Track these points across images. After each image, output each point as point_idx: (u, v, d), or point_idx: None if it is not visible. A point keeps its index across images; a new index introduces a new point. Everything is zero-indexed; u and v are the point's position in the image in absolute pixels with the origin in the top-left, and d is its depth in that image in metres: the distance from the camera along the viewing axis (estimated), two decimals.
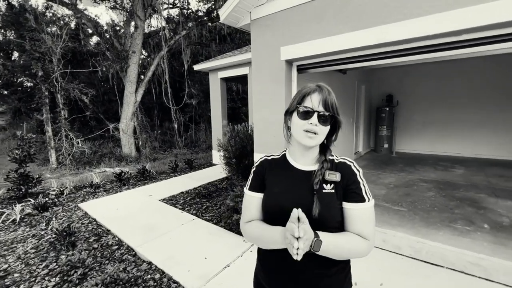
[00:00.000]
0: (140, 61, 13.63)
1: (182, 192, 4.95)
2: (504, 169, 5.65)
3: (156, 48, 13.43)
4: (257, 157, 3.75)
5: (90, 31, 13.29)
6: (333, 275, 0.95)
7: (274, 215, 0.95)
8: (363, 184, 0.93)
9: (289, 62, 3.40)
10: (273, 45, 3.36)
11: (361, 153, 7.80)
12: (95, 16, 18.14)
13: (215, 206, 4.18)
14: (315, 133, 0.90)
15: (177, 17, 12.76)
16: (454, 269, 2.44)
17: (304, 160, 0.98)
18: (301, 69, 3.54)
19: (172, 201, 4.54)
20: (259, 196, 1.02)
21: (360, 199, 0.91)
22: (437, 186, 4.64)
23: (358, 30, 2.67)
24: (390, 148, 7.97)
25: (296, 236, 0.73)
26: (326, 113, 0.90)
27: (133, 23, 10.86)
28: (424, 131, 7.66)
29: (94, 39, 14.33)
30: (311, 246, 0.78)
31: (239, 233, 3.25)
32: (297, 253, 0.74)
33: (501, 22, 2.00)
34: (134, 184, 5.65)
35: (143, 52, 14.38)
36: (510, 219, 3.26)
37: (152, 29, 14.03)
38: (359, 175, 0.95)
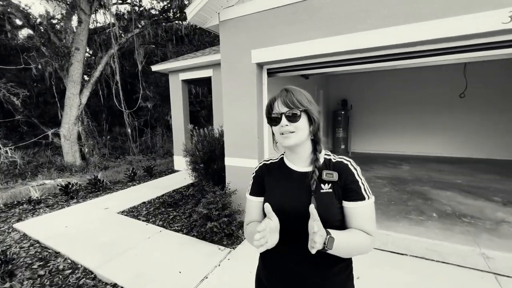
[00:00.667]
0: (86, 60, 12.29)
1: (144, 202, 4.54)
2: (441, 164, 6.56)
3: (104, 46, 12.27)
4: (229, 161, 3.65)
5: (20, 23, 11.49)
6: (336, 274, 0.95)
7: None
8: (361, 182, 0.95)
9: (260, 65, 3.41)
10: (244, 47, 3.33)
11: None
12: (26, 6, 15.77)
13: (184, 215, 3.93)
14: (290, 132, 0.93)
15: (129, 14, 11.86)
16: (416, 256, 2.70)
17: (300, 162, 0.99)
18: (271, 73, 3.58)
19: (133, 213, 4.13)
20: (259, 200, 1.05)
21: (359, 197, 0.92)
22: (390, 182, 5.14)
23: (329, 37, 2.80)
24: (346, 148, 8.60)
25: (316, 230, 0.74)
26: (291, 111, 0.92)
27: (75, 17, 9.73)
28: (374, 132, 8.46)
29: (25, 32, 12.42)
30: (324, 243, 0.77)
31: (213, 241, 3.10)
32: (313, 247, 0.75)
33: (449, 36, 2.31)
34: (84, 196, 4.99)
35: (88, 50, 12.99)
36: (451, 207, 3.77)
37: (99, 25, 12.79)
38: (357, 173, 0.96)
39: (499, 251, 2.64)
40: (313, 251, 0.75)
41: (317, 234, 0.74)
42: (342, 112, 8.41)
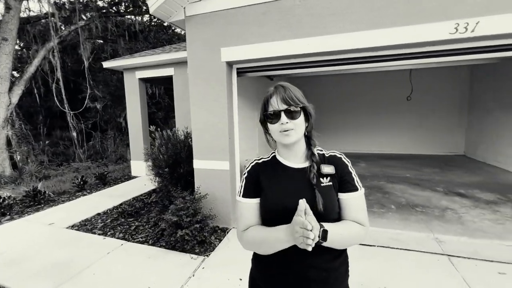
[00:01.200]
0: (16, 53, 10.61)
1: (99, 214, 4.04)
2: (392, 160, 7.27)
3: (40, 39, 10.74)
4: (198, 163, 3.47)
5: None
6: (338, 268, 0.96)
7: (277, 215, 0.91)
8: (354, 174, 0.98)
9: (230, 64, 3.32)
10: (213, 45, 3.20)
11: None
12: None
13: (148, 224, 3.60)
14: (290, 129, 0.91)
15: (71, 4, 10.59)
16: (382, 246, 2.90)
17: (295, 158, 0.98)
18: (240, 72, 3.51)
19: (86, 226, 3.63)
20: (254, 201, 0.99)
21: (353, 188, 0.94)
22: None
23: (300, 38, 2.86)
24: None
25: (309, 228, 0.72)
26: (290, 108, 0.91)
27: (2, 4, 8.32)
28: (332, 133, 9.00)
29: None
30: (318, 236, 0.77)
31: (184, 250, 2.89)
32: (310, 245, 0.74)
33: (407, 43, 2.54)
34: (21, 212, 4.23)
35: (19, 42, 11.22)
36: (405, 199, 4.18)
37: (33, 14, 11.16)
38: (350, 165, 0.99)
39: (448, 235, 2.99)
40: (309, 248, 0.74)
41: (314, 229, 0.74)
42: None
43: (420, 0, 2.45)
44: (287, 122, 0.91)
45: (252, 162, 1.06)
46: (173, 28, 12.50)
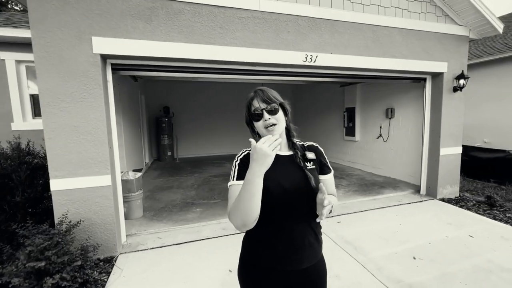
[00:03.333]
0: None
1: None
2: None
3: None
4: (60, 184, 2.58)
5: None
6: (319, 234, 1.17)
7: (278, 196, 1.02)
8: (327, 159, 1.25)
9: (104, 58, 2.76)
10: (81, 31, 2.53)
11: (149, 164, 7.74)
12: None
13: None
14: (273, 124, 1.08)
15: None
16: None
17: (281, 147, 1.14)
18: (115, 69, 2.99)
19: None
20: None
21: (329, 170, 1.19)
22: (224, 178, 6.00)
23: (190, 43, 2.87)
24: (173, 155, 8.70)
25: (327, 203, 0.89)
26: (271, 107, 1.08)
27: None
28: (197, 137, 9.28)
29: None
30: (330, 211, 0.98)
31: None
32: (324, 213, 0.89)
33: (276, 63, 3.26)
34: None
35: None
36: None
37: None
38: (323, 152, 1.25)
39: None
40: (323, 218, 0.91)
41: (329, 206, 0.91)
42: (166, 119, 8.43)
43: (284, 34, 3.24)
44: (269, 118, 1.04)
45: (244, 152, 1.13)
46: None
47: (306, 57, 3.33)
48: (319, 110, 8.54)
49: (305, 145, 1.20)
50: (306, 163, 1.11)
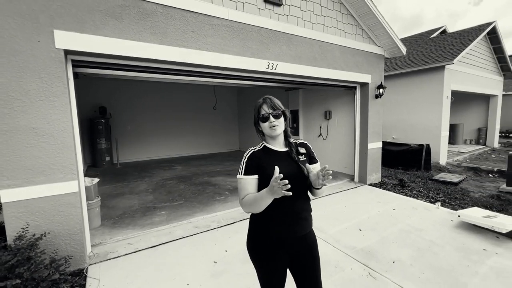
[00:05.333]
0: None
1: None
2: (201, 160, 8.48)
3: None
4: (13, 194, 2.25)
5: None
6: (311, 210, 1.51)
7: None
8: (314, 152, 1.54)
9: (65, 54, 2.52)
10: (39, 22, 2.26)
11: (84, 171, 6.87)
12: None
13: None
14: (276, 126, 1.40)
15: None
16: (242, 220, 3.74)
17: (279, 145, 1.47)
18: (76, 66, 2.74)
19: None
20: (255, 177, 1.33)
21: (316, 161, 1.50)
22: (179, 180, 5.90)
23: (163, 45, 2.88)
24: (112, 160, 7.91)
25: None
26: (276, 112, 1.38)
27: None
28: (140, 140, 8.65)
29: None
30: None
31: None
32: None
33: (243, 68, 3.55)
34: None
35: None
36: (230, 185, 5.40)
37: None
38: (311, 147, 1.55)
39: None
40: (326, 183, 1.23)
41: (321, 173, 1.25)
42: (103, 121, 7.63)
43: (250, 42, 3.55)
44: (273, 121, 1.35)
45: (250, 151, 1.39)
46: None
47: (268, 65, 3.73)
48: None
49: (297, 142, 1.53)
50: (299, 157, 1.44)
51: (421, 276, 2.42)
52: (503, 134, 14.71)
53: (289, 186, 1.05)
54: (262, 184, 1.31)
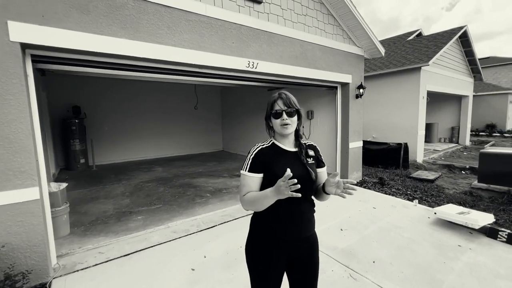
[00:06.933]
0: None
1: None
2: (182, 161, 8.24)
3: None
4: None
5: None
6: (314, 212, 1.44)
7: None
8: (322, 156, 1.46)
9: (23, 48, 2.29)
10: None
11: (55, 174, 6.45)
12: None
13: None
14: (288, 124, 1.33)
15: None
16: (224, 222, 3.63)
17: (289, 145, 1.39)
18: (36, 61, 2.51)
19: None
20: (259, 176, 1.29)
21: (323, 165, 1.44)
22: (159, 183, 5.67)
23: (135, 41, 2.71)
24: (87, 162, 7.50)
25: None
26: (290, 110, 1.33)
27: None
28: (118, 141, 8.27)
29: None
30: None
31: None
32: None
33: (222, 67, 3.44)
34: None
35: None
36: (212, 186, 5.26)
37: None
38: (320, 150, 1.47)
39: None
40: (345, 195, 1.18)
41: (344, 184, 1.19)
42: (76, 121, 7.21)
43: (229, 40, 3.44)
44: (286, 119, 1.28)
45: (257, 147, 1.34)
46: None
47: (248, 63, 3.64)
48: (246, 110, 9.10)
49: (307, 144, 1.45)
50: (308, 159, 1.36)
51: (400, 275, 2.43)
52: (473, 133, 15.57)
53: (298, 186, 1.02)
54: (267, 182, 1.26)
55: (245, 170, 1.29)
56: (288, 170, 1.08)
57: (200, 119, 10.06)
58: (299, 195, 1.04)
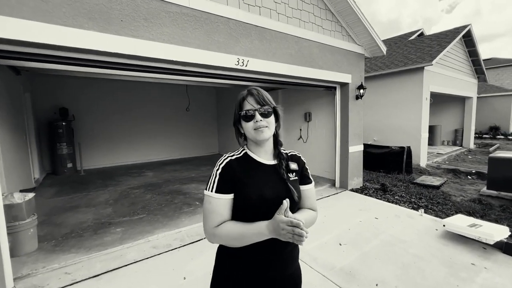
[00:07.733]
0: None
1: None
2: (174, 165, 7.90)
3: None
4: None
5: None
6: (296, 246, 1.12)
7: (258, 206, 0.96)
8: (308, 170, 1.16)
9: None
10: None
11: (40, 180, 6.13)
12: None
13: None
14: (263, 127, 1.02)
15: None
16: (200, 240, 3.29)
17: (265, 155, 1.07)
18: None
19: None
20: (229, 197, 0.99)
21: (309, 181, 1.14)
22: (146, 189, 5.34)
23: (106, 33, 2.40)
24: (75, 167, 7.18)
25: (302, 225, 0.81)
26: (264, 108, 1.03)
27: None
28: (108, 144, 7.95)
29: None
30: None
31: None
32: (303, 240, 0.82)
33: (208, 64, 3.12)
34: None
35: None
36: (202, 193, 4.91)
37: None
38: (306, 162, 1.17)
39: None
40: (302, 243, 0.83)
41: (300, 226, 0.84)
42: (64, 124, 6.89)
43: (216, 35, 3.13)
44: (261, 120, 0.99)
45: (225, 158, 1.04)
46: None
47: (238, 61, 3.32)
48: None
49: (288, 154, 1.14)
50: (289, 174, 1.06)
51: None
52: (477, 135, 15.24)
53: (305, 234, 0.80)
54: (236, 204, 0.98)
55: (210, 190, 0.98)
56: (285, 202, 0.85)
57: (195, 121, 9.74)
58: (302, 242, 0.81)
